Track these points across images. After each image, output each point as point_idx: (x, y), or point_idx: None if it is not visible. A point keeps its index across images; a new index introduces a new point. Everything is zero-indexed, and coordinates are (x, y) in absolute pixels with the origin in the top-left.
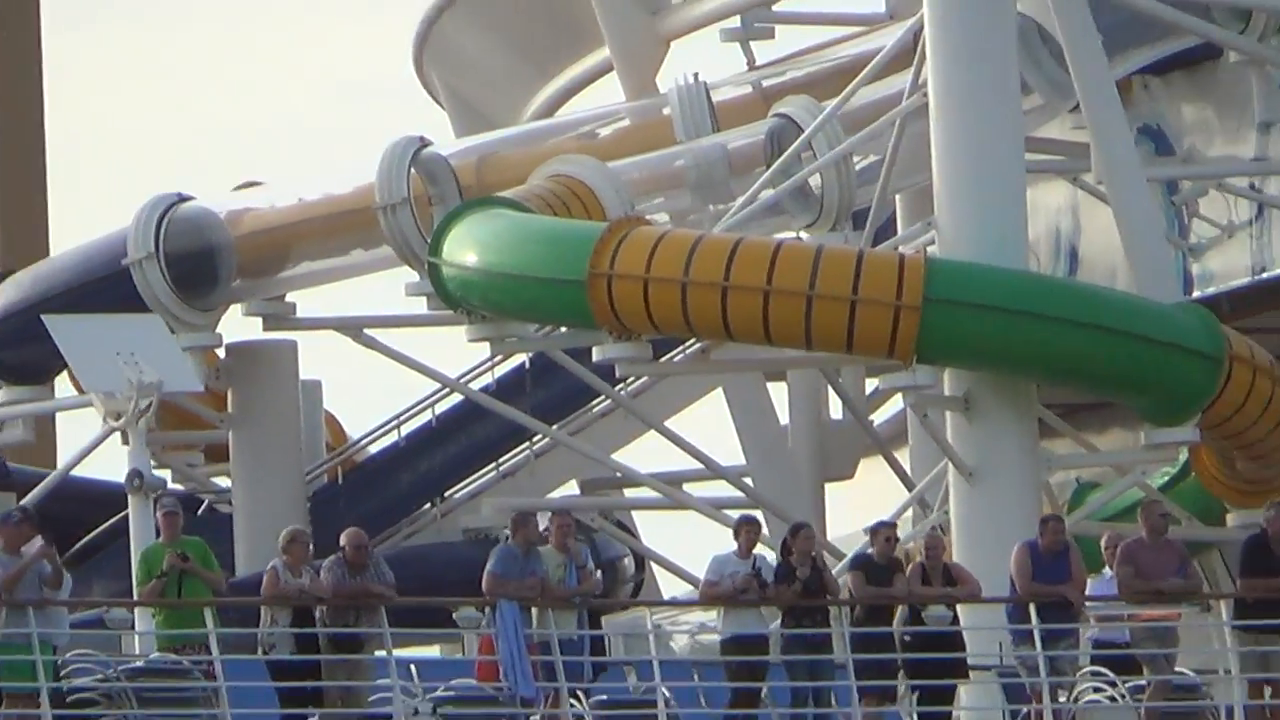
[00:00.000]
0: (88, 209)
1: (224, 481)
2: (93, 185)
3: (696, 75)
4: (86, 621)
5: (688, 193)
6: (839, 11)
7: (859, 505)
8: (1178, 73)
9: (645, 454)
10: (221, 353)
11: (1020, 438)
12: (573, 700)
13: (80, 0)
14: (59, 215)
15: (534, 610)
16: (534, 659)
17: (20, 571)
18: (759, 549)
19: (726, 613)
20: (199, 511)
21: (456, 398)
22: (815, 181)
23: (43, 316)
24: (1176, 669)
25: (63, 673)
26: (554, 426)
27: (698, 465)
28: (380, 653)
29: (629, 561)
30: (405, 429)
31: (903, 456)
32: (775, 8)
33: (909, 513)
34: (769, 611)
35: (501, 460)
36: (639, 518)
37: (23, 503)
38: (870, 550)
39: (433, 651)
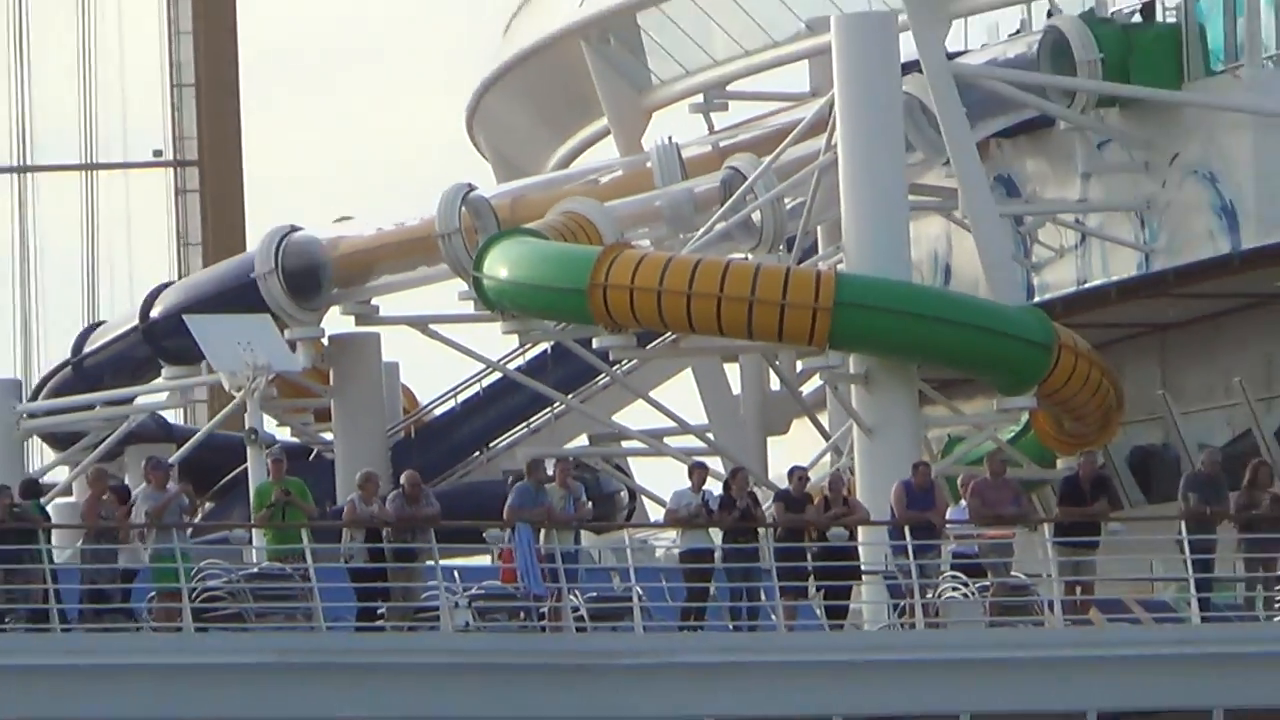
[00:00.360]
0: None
1: (328, 436)
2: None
3: (670, 138)
4: (218, 540)
5: (664, 225)
6: (774, 91)
7: (791, 453)
8: (1022, 136)
9: (635, 416)
10: (325, 342)
11: (906, 404)
12: (571, 595)
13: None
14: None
15: (542, 531)
16: (542, 566)
17: (165, 504)
18: (708, 485)
19: (683, 533)
20: (310, 458)
21: (496, 375)
22: (756, 216)
23: (184, 316)
24: (1012, 574)
25: (198, 576)
26: (568, 396)
27: (673, 424)
28: (429, 562)
29: (624, 494)
30: (460, 398)
31: (823, 418)
32: (729, 88)
33: (826, 458)
34: (714, 532)
35: (530, 420)
36: (631, 462)
37: (178, 454)
38: (789, 487)
39: (468, 561)
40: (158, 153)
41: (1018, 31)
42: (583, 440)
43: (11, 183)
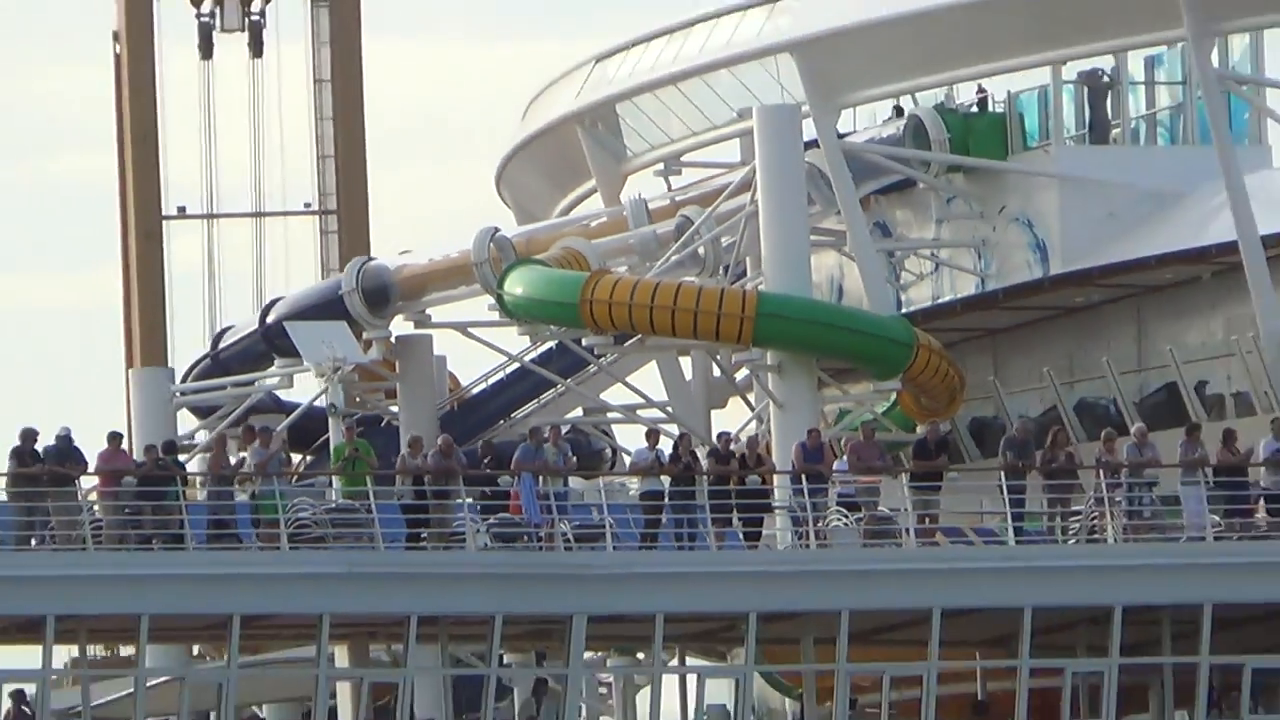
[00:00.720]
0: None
1: (394, 409)
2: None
3: (640, 194)
4: (310, 484)
5: (635, 256)
6: (714, 160)
7: (728, 422)
8: (893, 193)
9: (616, 395)
10: (392, 340)
11: (807, 387)
12: (561, 523)
13: None
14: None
15: (540, 478)
16: (540, 503)
17: (268, 458)
18: (661, 445)
19: (642, 479)
20: (381, 425)
21: (515, 365)
22: (701, 251)
23: (285, 323)
24: (879, 508)
25: (292, 510)
26: (567, 380)
27: (641, 400)
28: (459, 500)
29: (608, 451)
30: (489, 381)
31: (750, 397)
32: (682, 159)
33: (752, 425)
34: (665, 479)
35: (540, 397)
36: (615, 429)
37: (285, 423)
38: (718, 445)
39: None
40: (307, 204)
41: (890, 118)
42: (578, 412)
43: (202, 226)
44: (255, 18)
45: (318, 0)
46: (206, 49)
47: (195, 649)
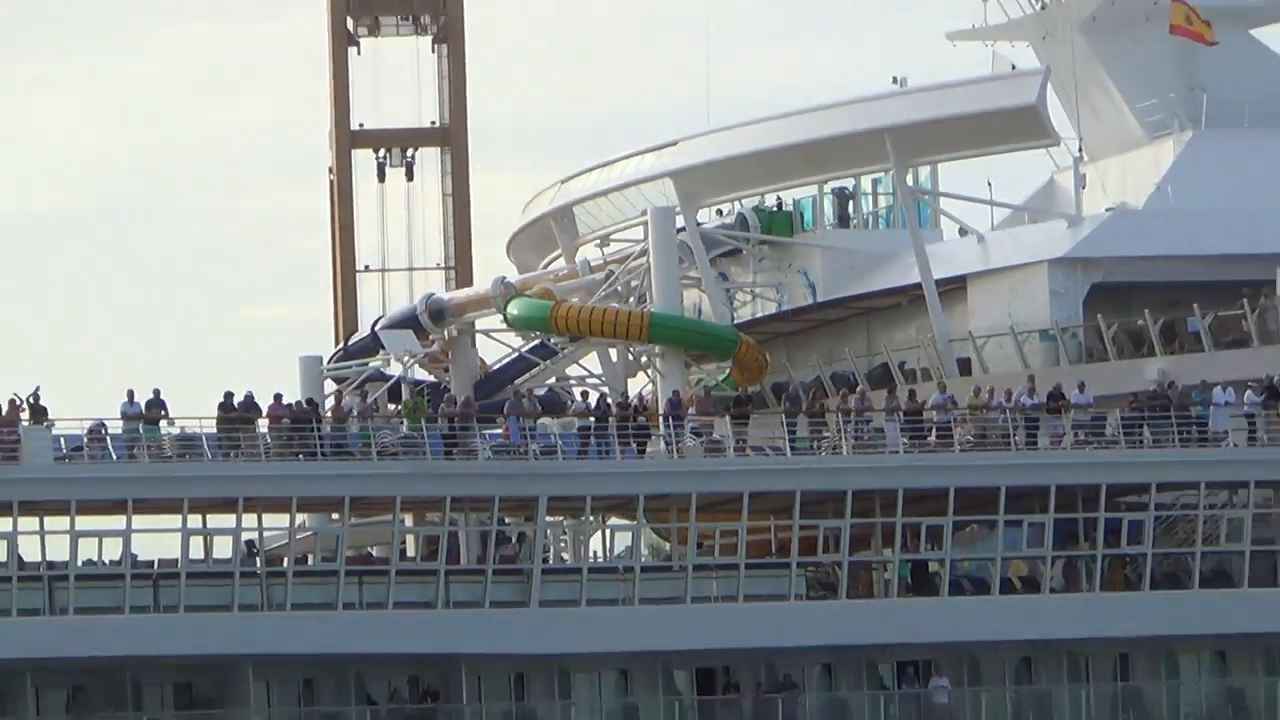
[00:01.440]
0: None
1: (448, 379)
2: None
3: (586, 259)
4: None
5: (584, 293)
6: (628, 238)
7: (635, 386)
8: (728, 256)
9: (573, 371)
10: (447, 337)
11: (679, 366)
12: (532, 444)
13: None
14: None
15: (519, 418)
16: (521, 432)
17: (366, 408)
18: (592, 400)
19: (581, 419)
20: (442, 388)
21: (515, 353)
22: (620, 289)
23: (377, 329)
24: (714, 435)
25: (377, 435)
26: (545, 361)
27: (587, 373)
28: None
29: (567, 403)
30: (501, 362)
31: (647, 372)
32: (611, 237)
33: (648, 388)
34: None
35: (529, 372)
36: (573, 391)
37: (384, 387)
38: (626, 400)
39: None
40: (438, 263)
41: (727, 214)
42: (551, 380)
43: (379, 276)
44: (409, 159)
45: (444, 148)
46: (380, 176)
47: (334, 515)
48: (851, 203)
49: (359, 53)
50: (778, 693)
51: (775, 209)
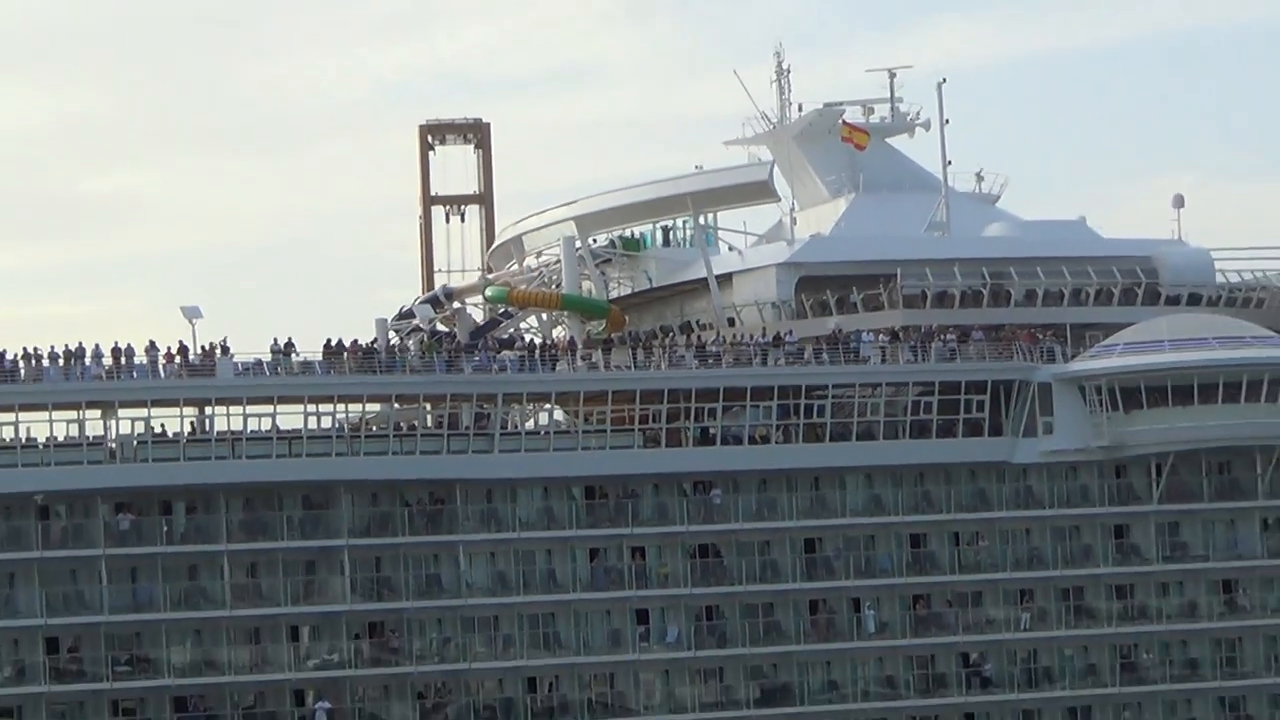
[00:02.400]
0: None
1: (456, 331)
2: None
3: (530, 265)
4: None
5: (528, 283)
6: (552, 255)
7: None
8: (607, 261)
9: (523, 327)
10: (455, 308)
11: (578, 322)
12: (494, 365)
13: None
14: None
15: (487, 350)
16: (491, 362)
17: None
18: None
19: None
20: (452, 335)
21: (492, 318)
22: (546, 280)
23: (414, 305)
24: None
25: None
26: (506, 321)
27: (530, 327)
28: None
29: (518, 342)
30: (484, 322)
31: (560, 329)
32: (541, 254)
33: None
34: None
35: (499, 328)
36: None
37: (420, 336)
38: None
39: None
40: (476, 268)
41: (608, 239)
42: (510, 330)
43: (447, 276)
44: (461, 211)
45: (481, 206)
46: (446, 220)
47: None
48: (670, 233)
49: (435, 153)
50: (628, 499)
51: (630, 237)
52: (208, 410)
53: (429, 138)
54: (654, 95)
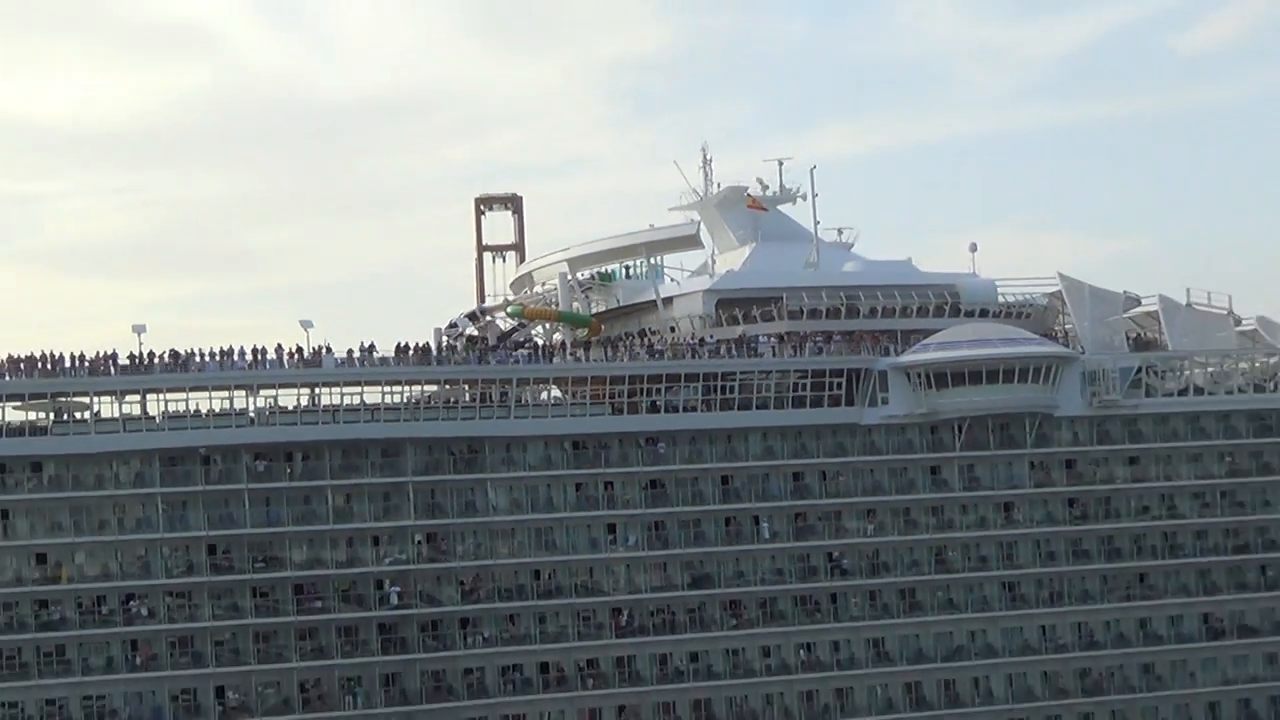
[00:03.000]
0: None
1: (485, 335)
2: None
3: (539, 291)
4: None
5: (536, 304)
6: (552, 284)
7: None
8: (588, 289)
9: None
10: (488, 320)
11: (569, 331)
12: (510, 359)
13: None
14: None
15: (506, 349)
16: (509, 355)
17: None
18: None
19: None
20: (484, 338)
21: (513, 325)
22: (548, 301)
23: (456, 319)
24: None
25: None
26: (522, 330)
27: (539, 333)
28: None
29: (522, 338)
30: (508, 329)
31: (557, 335)
32: (544, 286)
33: (557, 337)
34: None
35: (516, 333)
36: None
37: (462, 338)
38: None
39: None
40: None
41: (589, 275)
42: (524, 336)
43: (493, 298)
44: (504, 256)
45: (516, 253)
46: (494, 261)
47: (445, 385)
48: (631, 270)
49: (485, 216)
50: (602, 449)
51: (605, 272)
52: (316, 390)
53: (481, 206)
54: (626, 177)
